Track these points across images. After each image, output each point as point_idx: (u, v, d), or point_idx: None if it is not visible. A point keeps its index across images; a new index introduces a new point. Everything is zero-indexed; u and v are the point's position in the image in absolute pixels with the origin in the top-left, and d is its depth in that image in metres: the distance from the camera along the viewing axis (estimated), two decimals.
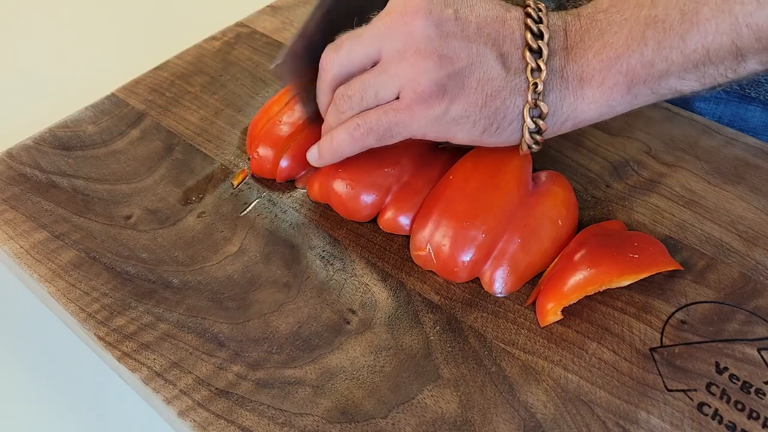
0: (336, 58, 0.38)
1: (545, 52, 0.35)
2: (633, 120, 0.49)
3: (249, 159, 0.47)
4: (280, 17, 0.60)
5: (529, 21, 0.35)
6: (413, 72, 0.35)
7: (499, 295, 0.39)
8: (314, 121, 0.43)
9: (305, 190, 0.45)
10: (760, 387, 0.34)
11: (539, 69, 0.35)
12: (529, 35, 0.35)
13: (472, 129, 0.36)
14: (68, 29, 0.69)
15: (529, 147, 0.37)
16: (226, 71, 0.54)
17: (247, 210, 0.44)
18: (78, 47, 0.67)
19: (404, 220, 0.41)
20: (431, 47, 0.35)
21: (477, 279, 0.39)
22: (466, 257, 0.38)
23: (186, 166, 0.47)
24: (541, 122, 0.36)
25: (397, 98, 0.36)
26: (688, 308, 0.38)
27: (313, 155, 0.41)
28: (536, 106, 0.35)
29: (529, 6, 0.36)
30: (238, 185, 0.45)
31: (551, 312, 0.37)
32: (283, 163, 0.44)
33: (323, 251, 0.41)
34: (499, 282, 0.38)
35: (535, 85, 0.35)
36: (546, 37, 0.35)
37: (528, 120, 0.36)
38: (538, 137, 0.36)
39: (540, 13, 0.36)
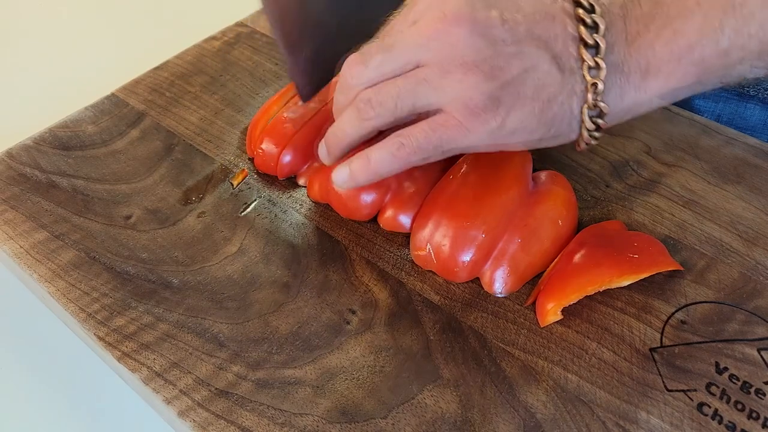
0: (364, 73, 0.34)
1: (603, 46, 0.31)
2: (633, 120, 0.49)
3: (249, 159, 0.47)
4: None
5: (580, 11, 0.31)
6: (462, 87, 0.32)
7: (499, 296, 0.39)
8: (305, 98, 0.42)
9: (305, 190, 0.45)
10: (760, 387, 0.34)
11: (598, 66, 0.31)
12: (583, 29, 0.31)
13: (530, 137, 0.33)
14: (68, 29, 0.69)
15: (587, 144, 0.34)
16: (226, 71, 0.54)
17: (247, 210, 0.44)
18: (78, 47, 0.67)
19: (404, 219, 0.41)
20: (479, 58, 0.31)
21: (477, 279, 0.39)
22: (466, 257, 0.38)
23: (186, 166, 0.47)
24: (601, 121, 0.33)
25: (439, 111, 0.33)
26: (688, 308, 0.38)
27: (343, 178, 0.37)
28: (596, 106, 0.32)
29: None
30: (237, 185, 0.45)
31: (551, 312, 0.37)
32: (285, 158, 0.44)
33: (323, 251, 0.41)
34: (499, 282, 0.38)
35: (595, 85, 0.32)
36: (602, 28, 0.31)
37: (587, 121, 0.33)
38: (596, 134, 0.34)
39: (590, 0, 0.31)
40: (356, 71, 0.35)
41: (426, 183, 0.41)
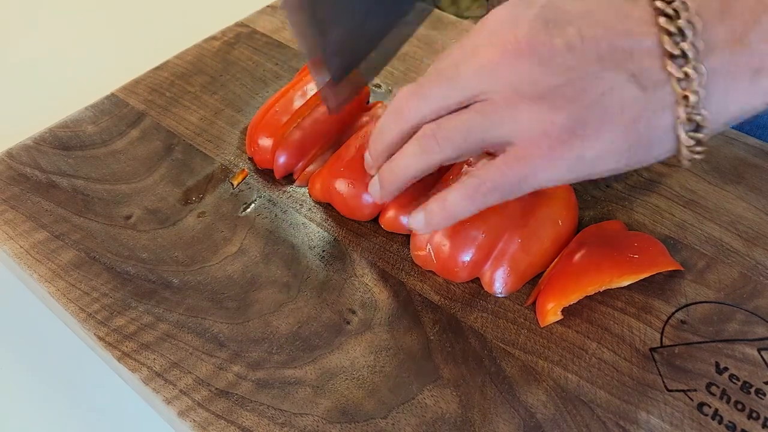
0: (422, 106, 0.32)
1: (691, 55, 0.28)
2: None
3: (249, 159, 0.47)
4: (280, 17, 0.60)
5: (662, 20, 0.28)
6: (532, 118, 0.30)
7: (499, 295, 0.39)
8: (333, 111, 0.41)
9: (305, 190, 0.45)
10: (760, 387, 0.34)
11: (687, 77, 0.28)
12: (666, 39, 0.28)
13: (616, 164, 0.31)
14: (68, 29, 0.69)
15: (689, 161, 0.31)
16: (226, 71, 0.54)
17: (247, 210, 0.44)
18: (78, 47, 0.67)
19: (405, 219, 0.41)
20: (547, 89, 0.29)
21: (477, 279, 0.39)
22: (466, 257, 0.38)
23: (186, 166, 0.47)
24: (700, 135, 0.30)
25: (510, 144, 0.31)
26: (688, 308, 0.38)
27: (419, 223, 0.35)
28: (690, 120, 0.29)
29: None
30: (237, 185, 0.45)
31: (551, 312, 0.37)
32: (280, 159, 0.45)
33: (323, 251, 0.41)
34: (499, 282, 0.38)
35: (686, 98, 0.28)
36: (690, 34, 0.28)
37: (683, 137, 0.30)
38: (698, 149, 0.30)
39: (674, 3, 0.28)
40: (414, 104, 0.33)
41: (426, 183, 0.41)
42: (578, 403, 0.34)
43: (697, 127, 0.29)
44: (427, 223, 0.35)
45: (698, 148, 0.30)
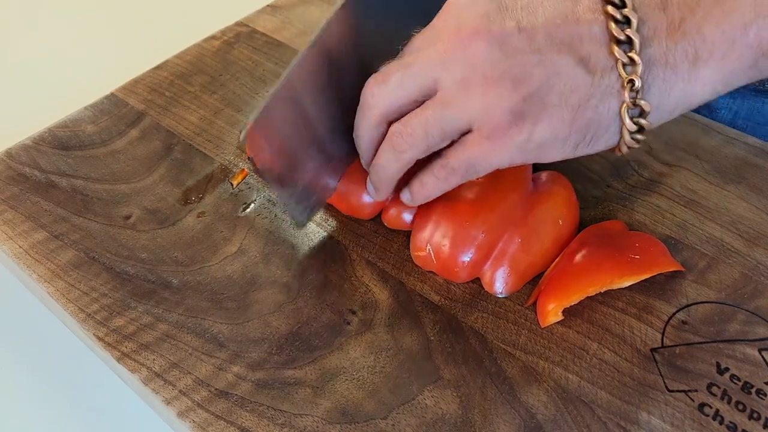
0: (384, 92, 0.34)
1: (636, 40, 0.29)
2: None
3: (249, 159, 0.47)
4: (280, 16, 0.60)
5: (609, 8, 0.29)
6: (483, 102, 0.31)
7: (499, 296, 0.39)
8: (301, 225, 0.42)
9: None
10: (761, 387, 0.34)
11: (633, 62, 0.29)
12: (613, 26, 0.29)
13: (564, 147, 0.32)
14: (68, 29, 0.69)
15: (629, 148, 0.32)
16: (225, 71, 0.54)
17: (247, 210, 0.44)
18: (77, 47, 0.67)
19: (407, 216, 0.41)
20: (498, 71, 0.30)
21: (477, 279, 0.39)
22: (466, 257, 0.38)
23: (185, 166, 0.47)
24: (643, 121, 0.31)
25: (469, 131, 0.32)
26: (689, 308, 0.38)
27: (406, 198, 0.38)
28: (636, 105, 0.30)
29: None
30: (237, 185, 0.45)
31: (552, 313, 0.36)
32: None
33: (323, 251, 0.41)
34: (499, 282, 0.38)
35: (632, 82, 0.29)
36: (634, 22, 0.29)
37: (627, 122, 0.30)
38: (640, 137, 0.31)
39: None
40: (376, 90, 0.34)
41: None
42: (579, 403, 0.34)
43: (642, 113, 0.30)
44: (412, 200, 0.37)
45: (639, 136, 0.31)
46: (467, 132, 0.33)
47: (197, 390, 0.35)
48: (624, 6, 0.29)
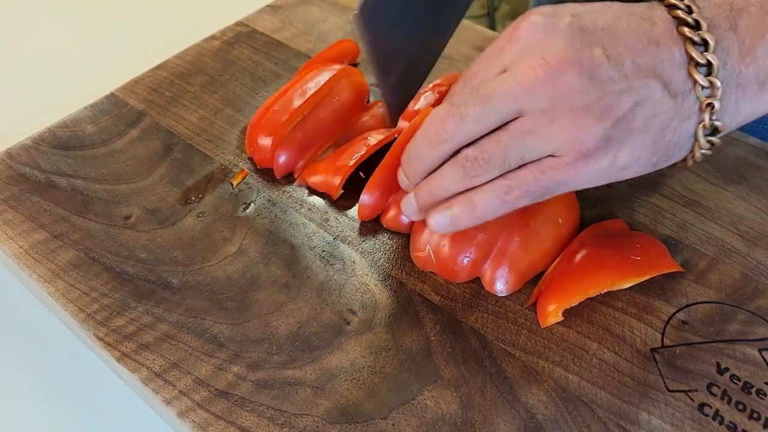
0: (460, 128, 0.32)
1: (715, 63, 0.29)
2: None
3: (249, 158, 0.47)
4: (280, 16, 0.60)
5: (686, 30, 0.30)
6: (571, 132, 0.30)
7: (500, 295, 0.39)
8: (393, 117, 0.42)
9: (305, 190, 0.45)
10: (761, 387, 0.34)
11: (712, 86, 0.30)
12: (692, 48, 0.30)
13: (643, 169, 0.32)
14: (68, 29, 0.69)
15: (694, 162, 0.33)
16: (225, 71, 0.54)
17: (247, 210, 0.44)
18: (77, 47, 0.67)
19: (406, 219, 0.41)
20: (588, 102, 0.30)
21: (477, 279, 0.39)
22: (466, 257, 0.38)
23: (185, 166, 0.47)
24: (715, 140, 0.32)
25: (550, 156, 0.32)
26: (689, 309, 0.38)
27: (443, 223, 0.35)
28: (712, 126, 0.31)
29: (677, 6, 0.30)
30: (237, 185, 0.45)
31: (552, 313, 0.36)
32: (281, 158, 0.45)
33: (323, 251, 0.41)
34: (500, 281, 0.38)
35: (711, 105, 0.30)
36: (711, 44, 0.29)
37: (702, 141, 0.31)
38: (707, 152, 0.32)
39: (693, 14, 0.30)
40: (450, 125, 0.32)
41: None
42: (579, 403, 0.34)
43: (714, 131, 0.31)
44: (453, 224, 0.35)
45: (707, 152, 0.32)
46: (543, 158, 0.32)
47: (197, 390, 0.35)
48: (699, 28, 0.29)
